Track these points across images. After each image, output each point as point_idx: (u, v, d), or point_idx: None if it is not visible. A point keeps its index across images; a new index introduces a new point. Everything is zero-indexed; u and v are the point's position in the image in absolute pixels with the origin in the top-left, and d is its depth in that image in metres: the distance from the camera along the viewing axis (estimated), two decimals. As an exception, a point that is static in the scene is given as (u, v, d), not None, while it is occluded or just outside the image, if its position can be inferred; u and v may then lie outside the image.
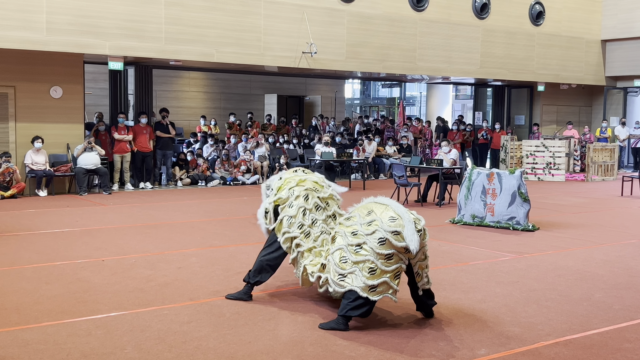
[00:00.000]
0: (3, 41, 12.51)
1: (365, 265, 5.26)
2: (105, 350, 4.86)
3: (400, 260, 5.33)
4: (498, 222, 10.43)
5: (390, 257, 5.27)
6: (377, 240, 5.23)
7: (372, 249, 5.24)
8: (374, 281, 5.24)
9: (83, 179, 14.16)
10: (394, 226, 5.22)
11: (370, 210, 5.43)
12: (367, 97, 38.74)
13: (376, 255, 5.24)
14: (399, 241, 5.21)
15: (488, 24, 19.34)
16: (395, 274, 5.32)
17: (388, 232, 5.20)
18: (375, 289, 5.26)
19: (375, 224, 5.27)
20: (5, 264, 7.57)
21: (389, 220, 5.24)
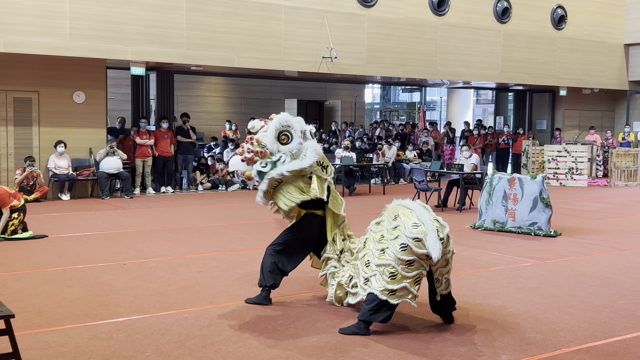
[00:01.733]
0: (27, 47, 12.68)
1: (387, 270, 5.27)
2: (126, 353, 4.89)
3: (421, 267, 5.31)
4: (519, 227, 10.36)
5: (411, 263, 5.26)
6: (399, 245, 5.23)
7: (394, 254, 5.24)
8: (393, 285, 5.24)
9: (105, 183, 14.29)
10: (416, 233, 5.20)
11: (396, 214, 5.43)
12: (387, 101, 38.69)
13: (397, 261, 5.24)
14: (420, 248, 5.19)
15: (509, 28, 19.23)
16: (415, 279, 5.31)
17: (410, 238, 5.19)
18: (395, 293, 5.26)
19: (399, 230, 5.28)
20: (28, 267, 7.66)
21: (412, 226, 5.23)
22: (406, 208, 5.45)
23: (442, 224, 5.41)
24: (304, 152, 5.98)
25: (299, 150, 5.98)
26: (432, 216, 5.38)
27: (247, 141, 6.07)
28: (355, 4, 16.46)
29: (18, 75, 13.79)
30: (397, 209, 5.50)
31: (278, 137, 5.98)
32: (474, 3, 18.52)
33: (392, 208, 5.59)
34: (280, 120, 6.02)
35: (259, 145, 5.97)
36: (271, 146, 5.96)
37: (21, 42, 12.59)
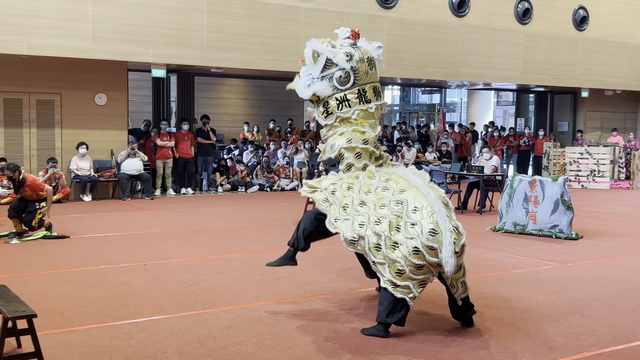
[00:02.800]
0: (50, 49, 12.83)
1: (395, 265, 5.23)
2: (146, 353, 4.92)
3: (430, 272, 5.29)
4: (540, 230, 10.28)
5: (420, 267, 5.22)
6: (412, 248, 5.17)
7: (405, 255, 5.18)
8: (398, 281, 5.23)
9: (126, 185, 14.41)
10: (432, 241, 5.11)
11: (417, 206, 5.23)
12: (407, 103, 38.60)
13: (407, 261, 5.19)
14: (432, 257, 5.15)
15: (530, 30, 19.10)
16: (420, 282, 5.29)
17: (424, 245, 5.12)
18: (397, 287, 5.23)
19: (416, 230, 5.18)
20: (50, 268, 7.74)
21: (429, 233, 5.12)
22: (429, 205, 5.24)
23: (461, 232, 5.28)
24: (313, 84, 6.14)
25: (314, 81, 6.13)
26: (452, 223, 5.24)
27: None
28: (375, 6, 16.45)
29: (41, 77, 13.95)
30: (420, 198, 5.30)
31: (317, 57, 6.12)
32: (494, 4, 18.42)
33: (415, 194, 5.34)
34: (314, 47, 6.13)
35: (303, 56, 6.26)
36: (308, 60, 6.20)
37: (44, 44, 12.73)
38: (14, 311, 4.46)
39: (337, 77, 5.93)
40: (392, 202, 5.39)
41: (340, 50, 6.02)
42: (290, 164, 17.39)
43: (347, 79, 5.94)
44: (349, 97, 5.97)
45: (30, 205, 9.61)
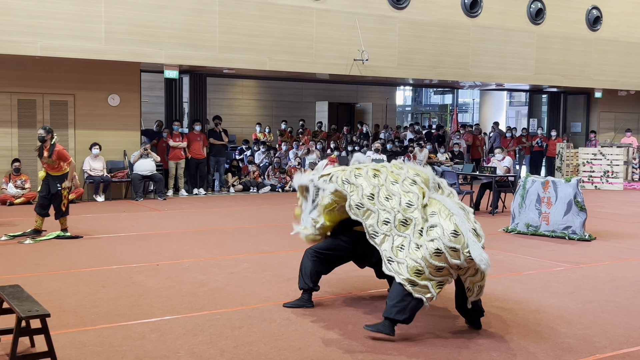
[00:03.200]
0: (63, 50, 12.91)
1: (414, 265, 5.18)
2: (159, 353, 4.94)
3: (449, 274, 5.25)
4: (553, 231, 10.23)
5: (440, 269, 5.19)
6: (433, 249, 5.13)
7: (426, 257, 5.14)
8: (416, 279, 5.18)
9: (139, 185, 14.48)
10: (455, 242, 5.10)
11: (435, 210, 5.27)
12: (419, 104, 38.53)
13: (427, 263, 5.15)
14: (455, 258, 5.11)
15: (543, 30, 19.01)
16: (439, 283, 5.25)
17: (447, 246, 5.10)
18: (415, 286, 5.17)
19: (436, 233, 5.16)
20: (64, 268, 7.79)
21: (451, 234, 5.12)
22: (446, 208, 5.28)
23: (480, 233, 5.29)
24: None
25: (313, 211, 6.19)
26: (471, 225, 5.24)
27: None
28: (387, 6, 16.43)
29: (54, 78, 14.04)
30: (436, 204, 5.34)
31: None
32: (507, 4, 18.35)
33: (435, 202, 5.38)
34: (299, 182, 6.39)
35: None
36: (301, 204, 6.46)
37: (57, 46, 12.82)
38: (28, 310, 4.49)
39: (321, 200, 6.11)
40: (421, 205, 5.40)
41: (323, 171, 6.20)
42: (302, 165, 17.40)
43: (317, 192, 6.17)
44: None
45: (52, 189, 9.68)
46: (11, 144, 13.70)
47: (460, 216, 5.24)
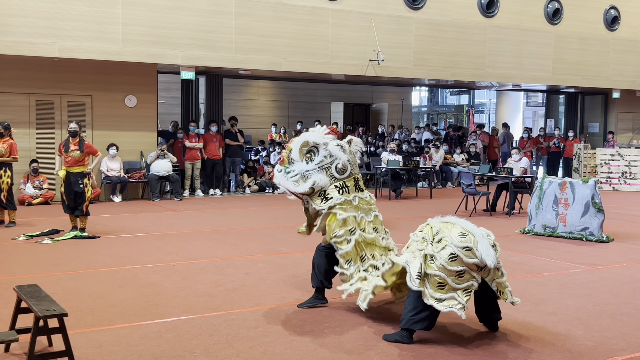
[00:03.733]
0: (81, 52, 13.01)
1: (434, 279, 5.14)
2: (175, 353, 4.97)
3: (473, 279, 5.18)
4: (570, 232, 10.16)
5: (461, 274, 5.13)
6: (447, 255, 5.09)
7: (443, 265, 5.09)
8: (441, 295, 5.12)
9: (155, 185, 14.55)
10: (465, 242, 5.08)
11: (438, 229, 5.28)
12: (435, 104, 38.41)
13: (446, 272, 5.10)
14: (470, 257, 5.08)
15: (560, 30, 18.88)
16: (465, 290, 5.17)
17: (459, 247, 5.07)
18: (442, 301, 5.13)
19: (445, 240, 5.14)
20: (81, 267, 7.85)
21: (459, 236, 5.11)
22: (447, 222, 5.31)
23: (487, 231, 5.32)
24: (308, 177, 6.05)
25: (307, 176, 6.06)
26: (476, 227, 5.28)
27: (289, 142, 6.28)
28: (403, 7, 16.40)
29: (72, 79, 14.15)
30: (436, 224, 5.35)
31: (305, 152, 6.12)
32: (524, 4, 18.25)
33: (429, 225, 5.42)
34: (310, 137, 6.15)
35: (286, 151, 6.21)
36: (293, 155, 6.17)
37: (75, 47, 12.92)
38: (46, 310, 4.53)
39: (336, 167, 6.04)
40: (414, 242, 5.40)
41: (331, 141, 6.15)
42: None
43: (345, 169, 6.08)
44: (348, 185, 6.09)
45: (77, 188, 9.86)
46: (29, 145, 13.82)
47: (464, 221, 5.29)
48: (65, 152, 9.91)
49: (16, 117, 13.49)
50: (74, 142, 9.92)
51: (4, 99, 13.60)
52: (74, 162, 9.90)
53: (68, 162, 9.90)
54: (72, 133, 9.97)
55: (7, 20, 12.34)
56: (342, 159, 6.06)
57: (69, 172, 9.90)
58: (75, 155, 9.87)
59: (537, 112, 33.35)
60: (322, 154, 6.05)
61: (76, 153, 9.88)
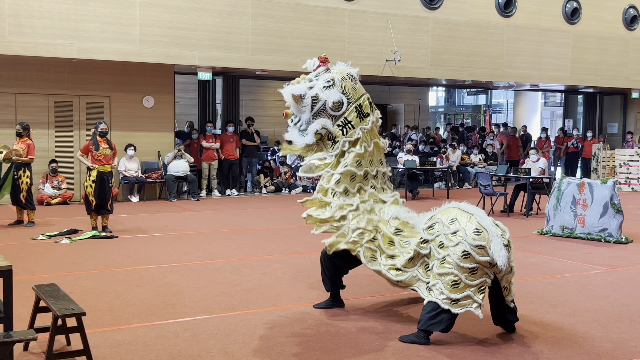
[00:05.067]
0: (100, 53, 13.11)
1: (449, 278, 5.11)
2: (192, 352, 4.99)
3: (485, 275, 5.16)
4: (589, 233, 10.08)
5: (474, 271, 5.10)
6: (460, 252, 5.07)
7: (455, 261, 5.08)
8: (456, 294, 5.09)
9: (173, 186, 14.63)
10: (479, 239, 5.05)
11: (453, 217, 5.24)
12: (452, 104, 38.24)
13: (459, 268, 5.08)
14: (483, 256, 5.04)
15: (579, 29, 18.74)
16: (479, 288, 5.15)
17: (472, 245, 5.04)
18: (458, 302, 5.11)
19: (460, 236, 5.11)
20: (99, 267, 7.90)
21: (474, 233, 5.07)
22: (464, 212, 5.26)
23: (502, 228, 5.27)
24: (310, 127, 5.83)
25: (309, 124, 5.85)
26: (493, 220, 5.24)
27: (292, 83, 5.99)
28: (420, 7, 16.35)
29: (91, 80, 14.26)
30: (453, 211, 5.32)
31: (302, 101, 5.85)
32: (542, 4, 18.13)
33: (446, 210, 5.39)
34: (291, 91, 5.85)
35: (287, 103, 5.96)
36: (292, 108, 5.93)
37: (94, 48, 13.02)
38: (64, 309, 4.56)
39: (330, 105, 5.77)
40: (425, 230, 5.38)
41: (318, 81, 5.88)
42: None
43: (340, 104, 5.79)
44: (350, 119, 5.83)
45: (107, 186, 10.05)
46: (48, 145, 13.95)
47: (481, 214, 5.23)
48: (96, 151, 10.02)
49: (35, 117, 13.62)
50: (103, 141, 10.14)
51: (23, 100, 13.74)
52: (105, 161, 10.08)
53: (100, 160, 10.04)
54: (104, 133, 10.18)
55: (27, 21, 12.47)
56: (331, 97, 5.75)
57: (100, 171, 10.02)
58: (107, 153, 10.09)
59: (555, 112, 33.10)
60: (308, 102, 5.78)
61: (107, 151, 10.11)
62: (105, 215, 10.21)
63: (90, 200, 10.06)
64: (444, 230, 5.22)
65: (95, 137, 10.17)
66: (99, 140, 10.13)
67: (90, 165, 10.06)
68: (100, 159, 10.06)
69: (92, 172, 10.05)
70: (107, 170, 10.11)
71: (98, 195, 10.02)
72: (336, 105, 5.78)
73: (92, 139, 10.21)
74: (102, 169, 10.05)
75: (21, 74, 13.65)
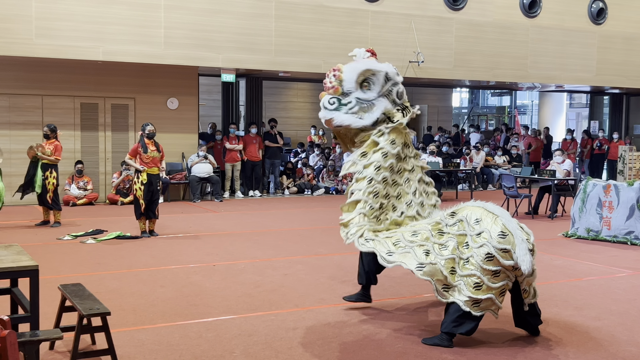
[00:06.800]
0: (124, 55, 13.24)
1: (471, 280, 5.07)
2: (215, 352, 5.02)
3: (507, 278, 5.12)
4: (615, 236, 9.95)
5: (497, 274, 5.06)
6: (484, 255, 5.02)
7: (479, 263, 5.04)
8: (479, 296, 5.05)
9: (196, 187, 14.72)
10: (504, 243, 5.00)
11: (478, 218, 5.18)
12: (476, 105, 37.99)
13: (482, 271, 5.04)
14: (507, 259, 5.00)
15: (605, 30, 18.51)
16: (501, 290, 5.11)
17: (497, 248, 4.99)
18: (479, 304, 5.07)
19: (484, 238, 5.06)
20: (123, 267, 7.98)
21: (499, 236, 5.02)
22: (489, 212, 5.21)
23: (527, 231, 5.22)
24: (370, 110, 5.69)
25: (369, 106, 5.72)
26: (517, 223, 5.19)
27: (336, 69, 5.85)
28: (444, 7, 16.28)
29: (116, 82, 14.41)
30: (478, 211, 5.25)
31: (361, 81, 5.75)
32: (567, 4, 17.95)
33: (470, 207, 5.32)
34: (369, 65, 5.78)
35: (336, 80, 5.75)
36: (348, 85, 5.71)
37: (119, 50, 13.16)
38: (89, 309, 4.61)
39: (397, 92, 5.83)
40: (449, 225, 5.28)
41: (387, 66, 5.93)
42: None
43: (403, 93, 5.92)
44: (407, 105, 5.96)
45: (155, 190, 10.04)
46: (74, 146, 14.11)
47: (506, 216, 5.17)
48: (144, 153, 9.96)
49: (62, 119, 13.79)
50: (151, 143, 10.05)
51: (50, 102, 13.92)
52: (154, 163, 10.04)
53: (148, 163, 9.98)
54: (151, 135, 10.11)
55: (53, 24, 12.63)
56: (400, 83, 5.83)
57: (149, 173, 9.96)
58: (155, 155, 10.02)
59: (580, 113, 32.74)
60: (380, 81, 5.71)
61: (155, 153, 10.03)
62: (152, 219, 10.13)
63: (140, 204, 9.93)
64: (470, 231, 5.16)
65: (143, 140, 10.05)
66: (147, 142, 10.02)
67: (139, 168, 9.94)
68: (148, 162, 9.96)
69: (141, 175, 9.95)
70: (155, 172, 10.03)
71: (147, 199, 9.93)
72: (402, 93, 5.87)
73: (140, 141, 10.09)
74: (151, 171, 9.97)
75: (48, 76, 13.83)
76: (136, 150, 10.05)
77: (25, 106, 13.76)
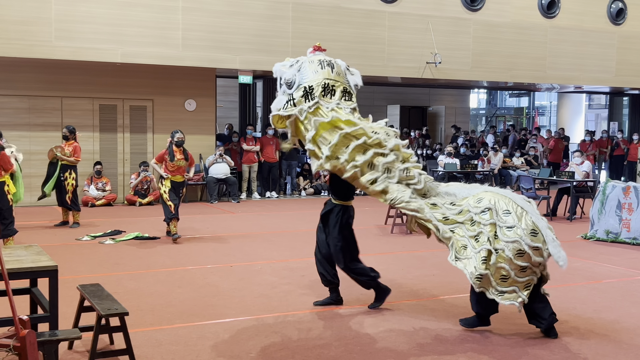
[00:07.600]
0: (143, 57, 13.33)
1: (499, 272, 5.25)
2: (232, 353, 5.03)
3: (533, 273, 5.31)
4: (634, 238, 9.85)
5: (524, 269, 5.25)
6: (516, 251, 5.19)
7: (510, 258, 5.19)
8: (503, 287, 5.27)
9: (214, 188, 14.78)
10: (536, 241, 5.19)
11: (508, 209, 5.30)
12: (494, 106, 37.79)
13: (511, 264, 5.22)
14: (537, 257, 5.21)
15: (624, 30, 18.34)
16: (526, 285, 5.30)
17: (530, 246, 5.18)
18: (504, 295, 5.28)
19: (516, 234, 5.20)
20: (142, 267, 8.03)
21: (531, 234, 5.20)
22: (518, 206, 5.34)
23: (549, 226, 5.39)
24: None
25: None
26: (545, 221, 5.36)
27: None
28: (461, 8, 16.22)
29: (134, 84, 14.51)
30: (507, 202, 5.36)
31: None
32: (586, 4, 17.81)
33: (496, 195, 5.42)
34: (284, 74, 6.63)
35: None
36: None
37: (137, 52, 13.25)
38: (107, 309, 4.65)
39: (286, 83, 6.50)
40: (478, 214, 5.36)
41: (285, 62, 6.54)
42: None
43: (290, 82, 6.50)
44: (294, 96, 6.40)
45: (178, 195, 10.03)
46: (93, 148, 14.23)
47: (534, 212, 5.35)
48: (171, 161, 9.92)
49: (80, 120, 13.91)
50: (179, 151, 10.01)
51: (69, 103, 14.05)
52: (179, 172, 10.01)
53: (172, 171, 9.95)
54: (180, 143, 10.07)
55: (72, 26, 12.74)
56: (286, 74, 6.47)
57: (172, 181, 9.94)
58: (181, 164, 9.97)
59: (599, 114, 32.46)
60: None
61: (182, 162, 9.99)
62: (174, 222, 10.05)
63: (168, 205, 9.85)
64: (499, 222, 5.28)
65: (171, 147, 10.02)
66: (175, 150, 10.00)
67: (164, 175, 9.94)
68: (173, 170, 9.94)
69: (165, 182, 9.95)
70: (179, 180, 10.01)
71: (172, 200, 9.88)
72: (287, 82, 6.50)
73: (168, 148, 10.07)
74: (174, 179, 9.95)
75: (67, 78, 13.96)
76: (162, 156, 10.05)
77: (45, 108, 13.89)
